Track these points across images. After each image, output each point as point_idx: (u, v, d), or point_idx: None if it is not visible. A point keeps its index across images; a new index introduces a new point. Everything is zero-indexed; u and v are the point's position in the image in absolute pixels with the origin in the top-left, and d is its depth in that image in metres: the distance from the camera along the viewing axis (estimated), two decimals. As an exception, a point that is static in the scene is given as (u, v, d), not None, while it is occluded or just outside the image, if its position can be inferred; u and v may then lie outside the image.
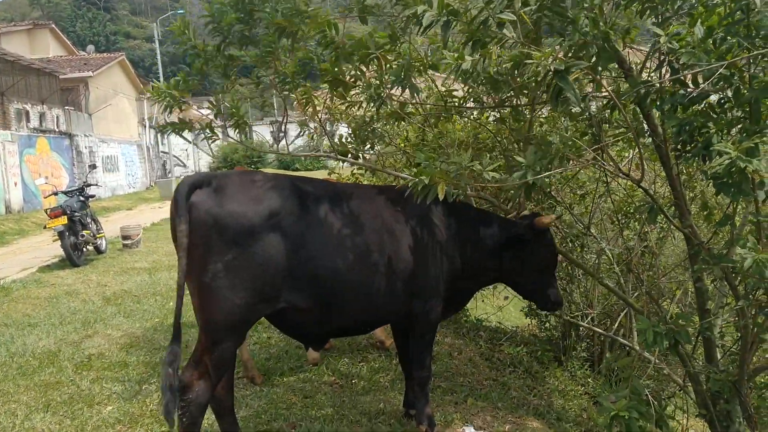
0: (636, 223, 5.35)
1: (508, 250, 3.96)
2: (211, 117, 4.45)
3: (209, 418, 4.28)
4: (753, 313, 3.65)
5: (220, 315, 3.15)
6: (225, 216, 3.11)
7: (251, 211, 3.16)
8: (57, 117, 23.69)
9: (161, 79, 32.96)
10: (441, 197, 3.02)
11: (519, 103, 4.27)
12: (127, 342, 6.12)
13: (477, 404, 4.64)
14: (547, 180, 4.25)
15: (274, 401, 4.55)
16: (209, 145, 4.43)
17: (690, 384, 4.20)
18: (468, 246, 3.90)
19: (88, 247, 11.35)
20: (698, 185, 4.73)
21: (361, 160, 4.87)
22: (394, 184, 5.00)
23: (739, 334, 3.97)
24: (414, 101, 4.52)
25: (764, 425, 3.89)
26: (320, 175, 4.15)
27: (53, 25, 32.50)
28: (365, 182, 6.41)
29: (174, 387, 3.07)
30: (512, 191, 3.84)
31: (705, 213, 4.09)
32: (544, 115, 5.00)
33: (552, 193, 5.22)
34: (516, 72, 3.20)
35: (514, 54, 3.00)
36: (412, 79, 3.58)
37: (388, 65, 3.59)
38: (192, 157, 41.52)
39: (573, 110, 3.52)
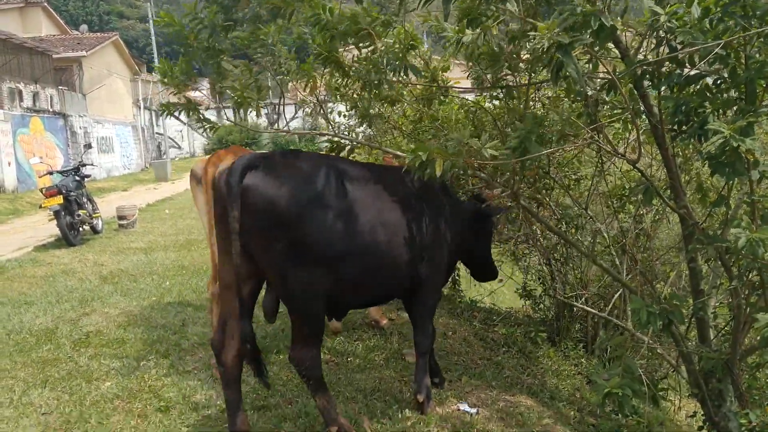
0: (631, 206, 5.38)
1: (475, 226, 4.41)
2: (206, 97, 4.44)
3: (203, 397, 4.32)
4: (746, 293, 3.69)
5: (299, 294, 3.35)
6: (281, 197, 3.21)
7: (303, 190, 3.28)
8: (51, 97, 23.51)
9: (156, 59, 32.72)
10: (438, 173, 3.04)
11: (516, 82, 4.27)
12: (125, 320, 6.14)
13: (471, 383, 4.69)
14: (543, 159, 4.30)
15: (270, 378, 4.58)
16: (206, 132, 4.43)
17: (683, 364, 4.25)
18: (458, 221, 4.23)
19: (84, 226, 11.32)
20: (693, 167, 4.75)
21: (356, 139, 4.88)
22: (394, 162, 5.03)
23: (732, 315, 4.02)
24: (408, 83, 4.52)
25: (755, 404, 3.96)
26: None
27: (46, 4, 32.10)
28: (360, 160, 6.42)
29: (253, 360, 3.46)
30: (508, 170, 3.90)
31: (700, 196, 4.12)
32: (547, 96, 5.01)
33: (549, 173, 5.24)
34: (515, 46, 3.20)
35: (514, 28, 3.00)
36: (411, 60, 3.59)
37: (381, 45, 3.58)
38: (187, 138, 41.36)
39: (574, 87, 3.52)
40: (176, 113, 4.16)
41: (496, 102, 5.06)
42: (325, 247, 3.32)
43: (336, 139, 4.69)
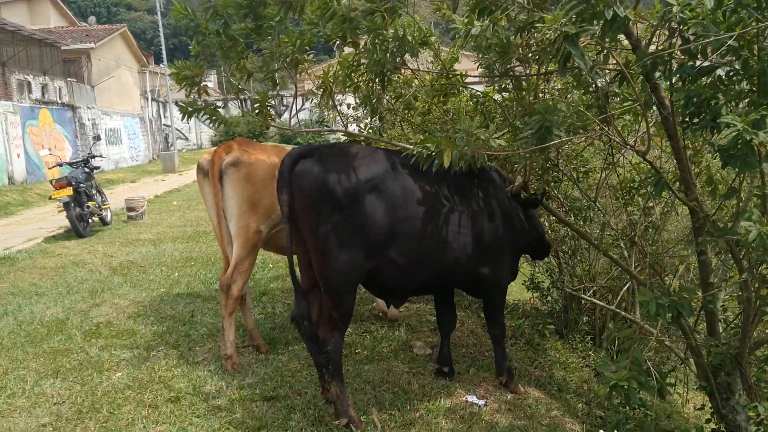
0: (640, 198, 5.36)
1: (526, 215, 4.46)
2: (214, 90, 4.44)
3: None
4: (756, 286, 3.68)
5: (337, 275, 3.52)
6: (331, 181, 3.43)
7: (353, 176, 3.48)
8: (59, 89, 23.58)
9: (163, 51, 32.77)
10: (447, 164, 3.07)
11: (525, 72, 4.25)
12: (135, 311, 6.19)
13: (479, 374, 4.70)
14: (552, 151, 4.28)
15: (279, 369, 4.62)
16: (213, 125, 4.45)
17: (691, 357, 4.24)
18: (519, 214, 4.35)
19: (93, 218, 11.40)
20: (704, 160, 4.72)
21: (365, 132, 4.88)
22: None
23: (742, 308, 4.00)
24: (418, 72, 4.51)
25: (763, 397, 3.94)
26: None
27: (54, -5, 32.19)
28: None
29: (312, 336, 3.65)
30: (517, 161, 3.90)
31: (710, 188, 4.10)
32: (556, 88, 4.99)
33: (558, 165, 5.22)
34: (525, 36, 3.19)
35: (523, 19, 2.99)
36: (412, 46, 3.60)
37: (391, 31, 3.58)
38: (194, 130, 41.41)
39: (582, 78, 3.51)
40: (195, 115, 4.18)
41: (505, 94, 5.03)
42: (369, 231, 3.49)
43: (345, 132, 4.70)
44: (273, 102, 4.32)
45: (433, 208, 3.73)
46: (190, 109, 4.13)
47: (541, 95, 4.80)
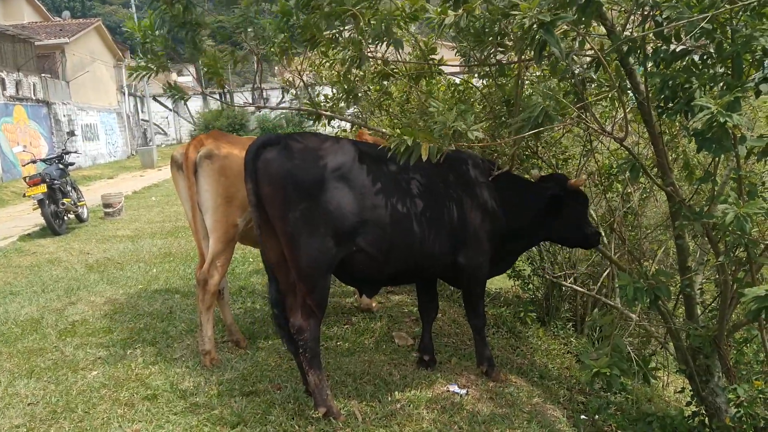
0: (619, 185, 5.37)
1: (550, 211, 4.22)
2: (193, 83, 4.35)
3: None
4: (733, 269, 3.69)
5: (308, 262, 3.51)
6: (297, 169, 3.45)
7: (319, 164, 3.47)
8: (33, 85, 23.14)
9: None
10: (424, 157, 3.01)
11: (505, 60, 4.21)
12: (111, 308, 6.09)
13: (461, 363, 4.69)
14: (531, 139, 4.25)
15: (259, 364, 4.56)
16: (191, 117, 4.37)
17: (670, 341, 4.26)
18: (513, 209, 4.20)
19: (69, 215, 11.23)
20: (680, 145, 4.73)
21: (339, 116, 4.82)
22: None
23: (719, 291, 4.02)
24: (396, 60, 4.44)
25: (742, 379, 3.97)
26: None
27: (27, -10, 31.56)
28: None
29: (282, 324, 3.71)
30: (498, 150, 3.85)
31: (686, 173, 4.10)
32: (535, 75, 4.96)
33: (537, 153, 5.21)
34: (500, 25, 3.15)
35: (500, 6, 2.95)
36: (394, 33, 3.52)
37: (365, 23, 3.51)
38: (173, 125, 40.95)
39: (558, 66, 3.48)
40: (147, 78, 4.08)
41: (485, 81, 4.99)
42: (337, 219, 3.49)
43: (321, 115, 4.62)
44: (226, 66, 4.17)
45: (402, 195, 3.72)
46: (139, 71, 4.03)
47: (521, 82, 4.78)
